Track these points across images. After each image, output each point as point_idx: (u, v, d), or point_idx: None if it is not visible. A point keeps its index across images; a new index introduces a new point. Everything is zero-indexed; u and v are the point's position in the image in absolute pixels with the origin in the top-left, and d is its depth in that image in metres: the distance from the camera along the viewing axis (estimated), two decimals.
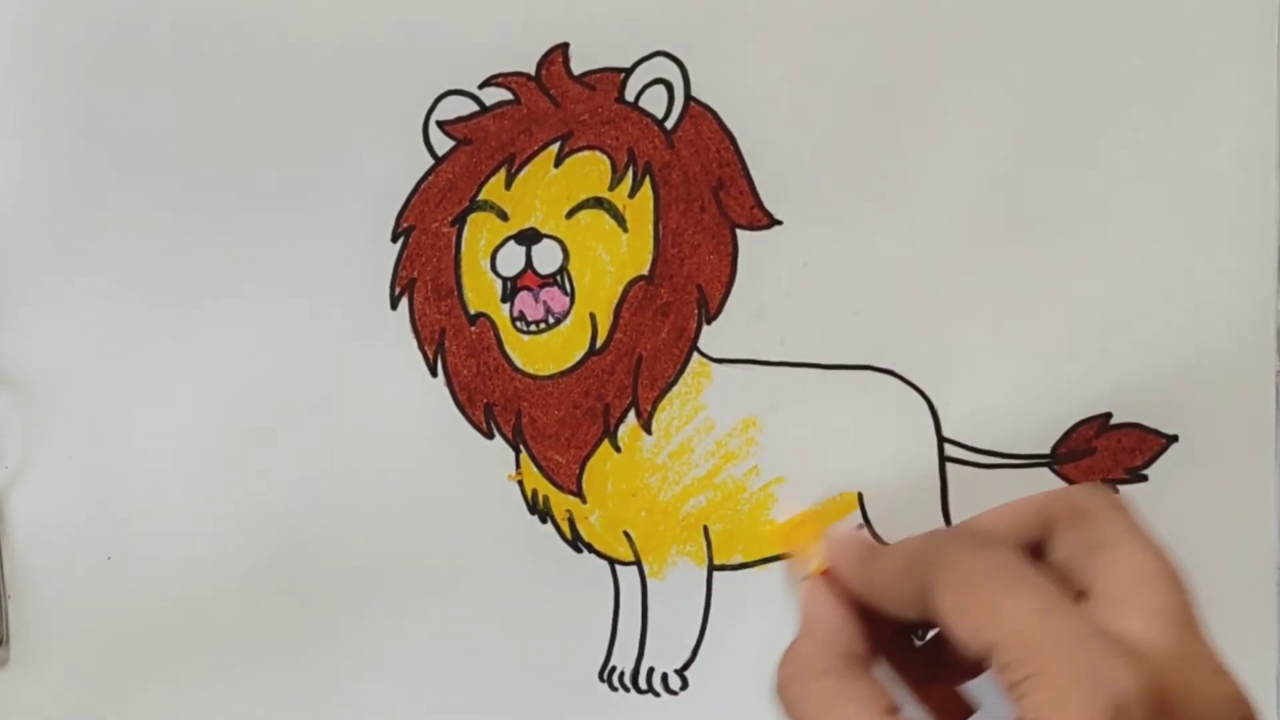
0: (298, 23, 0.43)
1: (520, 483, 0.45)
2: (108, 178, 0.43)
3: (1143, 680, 0.30)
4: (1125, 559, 0.34)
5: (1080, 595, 0.34)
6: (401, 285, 0.44)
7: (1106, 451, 0.45)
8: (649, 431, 0.45)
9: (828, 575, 0.39)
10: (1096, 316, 0.45)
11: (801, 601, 0.39)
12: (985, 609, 0.32)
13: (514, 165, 0.44)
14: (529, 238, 0.44)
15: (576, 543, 0.45)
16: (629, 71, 0.43)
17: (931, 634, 0.40)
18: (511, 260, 0.44)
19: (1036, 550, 0.36)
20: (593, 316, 0.44)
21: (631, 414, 0.45)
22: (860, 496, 0.45)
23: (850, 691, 0.35)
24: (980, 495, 0.45)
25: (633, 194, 0.44)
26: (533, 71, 0.43)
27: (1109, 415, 0.45)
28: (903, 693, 0.39)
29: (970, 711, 0.39)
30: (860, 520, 0.44)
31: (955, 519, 0.45)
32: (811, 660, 0.36)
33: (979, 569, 0.33)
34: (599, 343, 0.44)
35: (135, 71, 0.43)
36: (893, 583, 0.36)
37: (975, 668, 0.39)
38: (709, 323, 0.45)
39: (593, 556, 0.45)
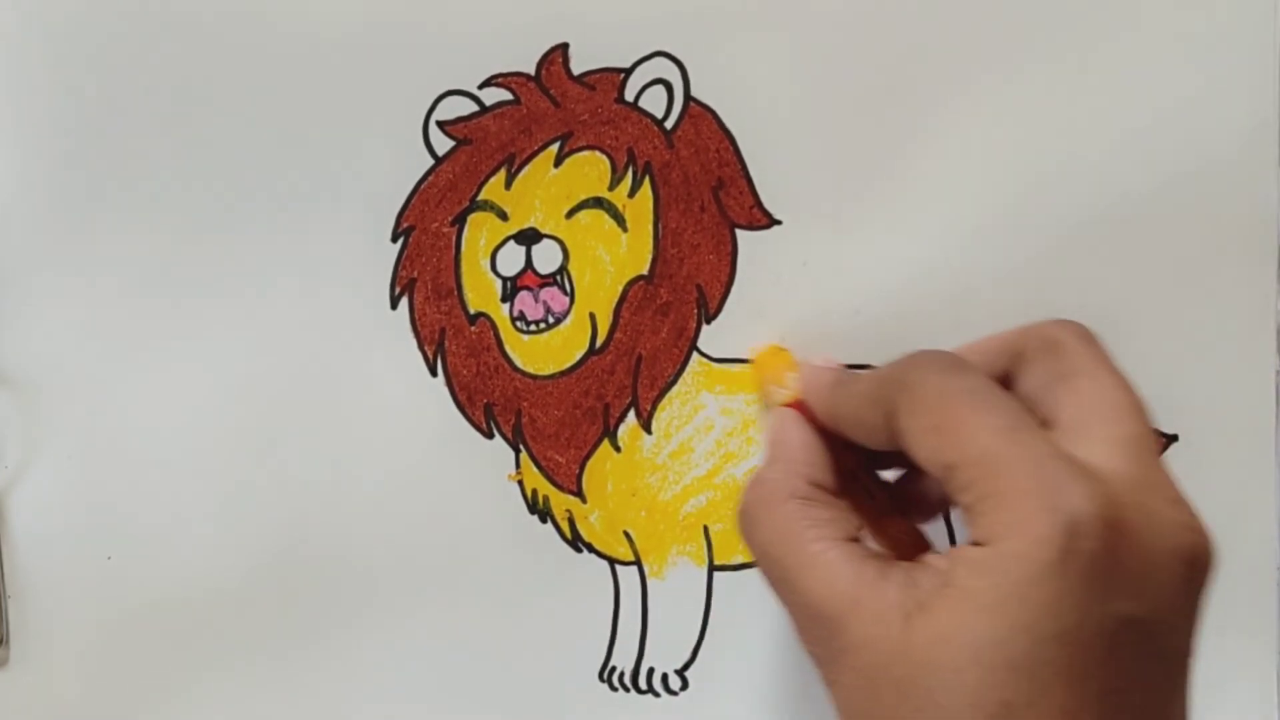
0: (297, 22, 0.43)
1: (520, 482, 0.45)
2: (107, 177, 0.43)
3: (1099, 502, 0.30)
4: (1090, 389, 0.34)
5: (1045, 424, 0.34)
6: (401, 285, 0.44)
7: None
8: (649, 431, 0.45)
9: (798, 405, 0.39)
10: (1095, 315, 0.44)
11: (770, 429, 0.39)
12: (948, 429, 0.32)
13: (514, 165, 0.44)
14: (529, 237, 0.44)
15: (576, 543, 0.45)
16: (629, 72, 0.43)
17: (896, 474, 0.40)
18: (511, 260, 0.44)
19: (1006, 383, 0.36)
20: (592, 316, 0.44)
21: (631, 414, 0.45)
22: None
23: (814, 516, 0.35)
24: None
25: (632, 194, 0.44)
26: (532, 71, 0.43)
27: None
28: (860, 524, 0.38)
29: (925, 549, 0.38)
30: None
31: (955, 518, 0.45)
32: (778, 486, 0.36)
33: (945, 389, 0.33)
34: (599, 342, 0.44)
35: (135, 71, 0.43)
36: (860, 407, 0.36)
37: (935, 508, 0.39)
38: (709, 322, 0.45)
39: (593, 556, 0.45)
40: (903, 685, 0.30)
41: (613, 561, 0.45)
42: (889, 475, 0.40)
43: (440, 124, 0.44)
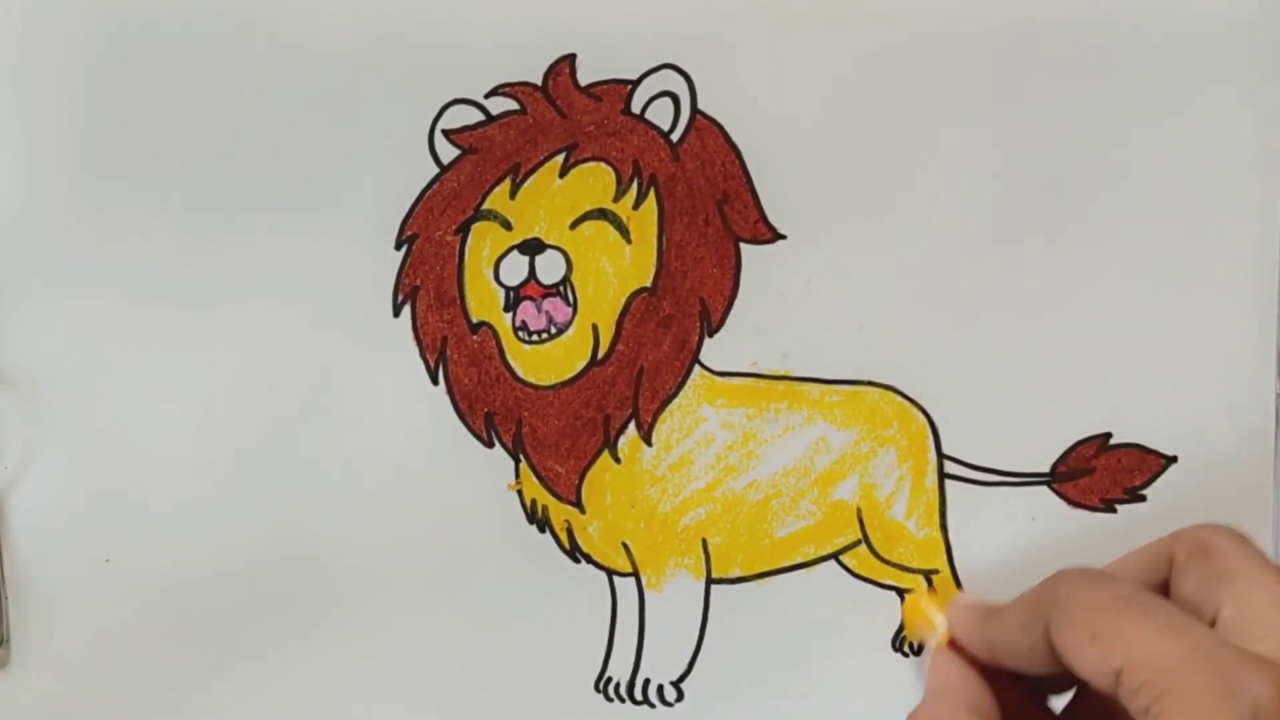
0: (303, 29, 0.43)
1: (519, 492, 0.45)
2: (110, 181, 0.43)
3: (1278, 687, 0.30)
4: (1251, 587, 0.34)
5: (1209, 625, 0.34)
6: (404, 293, 0.44)
7: (1106, 471, 0.45)
8: (649, 443, 0.45)
9: (953, 645, 0.39)
10: (1097, 336, 0.45)
11: (927, 671, 0.40)
12: (1111, 636, 0.32)
13: (519, 175, 0.44)
14: (532, 248, 0.44)
15: (574, 553, 0.45)
16: (636, 83, 0.43)
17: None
18: (515, 270, 0.44)
19: (1162, 591, 0.36)
20: (595, 327, 0.44)
21: (632, 425, 0.45)
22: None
23: None
24: (979, 512, 0.45)
25: (637, 206, 0.44)
26: (539, 82, 0.43)
27: (1109, 435, 0.45)
28: None
29: None
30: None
31: (954, 536, 0.45)
32: (937, 717, 0.37)
33: (1100, 599, 0.33)
34: (600, 353, 0.44)
35: (140, 76, 0.43)
36: (1014, 633, 0.36)
37: None
38: (711, 336, 0.45)
39: (590, 567, 0.45)
40: None
41: (610, 573, 0.45)
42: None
43: (446, 132, 0.43)
